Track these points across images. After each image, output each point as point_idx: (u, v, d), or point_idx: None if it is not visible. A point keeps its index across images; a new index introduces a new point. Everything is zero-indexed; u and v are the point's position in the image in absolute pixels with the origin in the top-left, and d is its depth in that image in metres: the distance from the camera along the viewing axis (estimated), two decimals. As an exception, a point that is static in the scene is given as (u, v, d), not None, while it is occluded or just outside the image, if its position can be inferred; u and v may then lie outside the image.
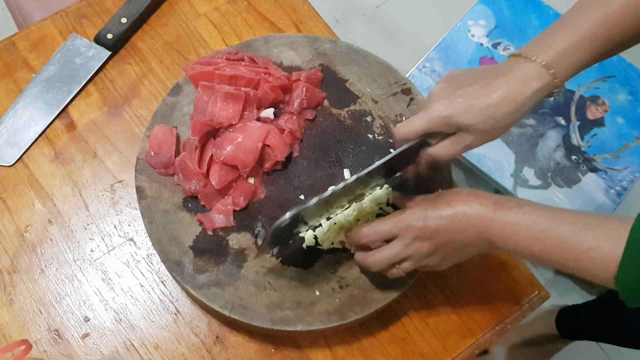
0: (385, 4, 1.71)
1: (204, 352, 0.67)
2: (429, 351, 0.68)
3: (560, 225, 0.51)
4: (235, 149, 0.68)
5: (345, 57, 0.79)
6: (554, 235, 0.51)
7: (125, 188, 0.75)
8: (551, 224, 0.52)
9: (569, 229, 0.51)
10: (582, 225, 0.50)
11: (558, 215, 0.52)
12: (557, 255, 0.51)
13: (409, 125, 0.60)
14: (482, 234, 0.56)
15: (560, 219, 0.52)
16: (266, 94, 0.73)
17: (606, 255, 0.48)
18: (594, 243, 0.49)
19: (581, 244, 0.50)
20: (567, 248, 0.50)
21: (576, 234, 0.50)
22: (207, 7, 0.87)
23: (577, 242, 0.50)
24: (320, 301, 0.65)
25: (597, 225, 0.50)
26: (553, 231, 0.51)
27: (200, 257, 0.66)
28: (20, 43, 0.83)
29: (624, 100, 1.09)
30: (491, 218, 0.55)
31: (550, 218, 0.52)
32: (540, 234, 0.52)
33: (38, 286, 0.70)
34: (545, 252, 0.52)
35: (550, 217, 0.52)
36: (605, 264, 0.48)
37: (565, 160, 1.04)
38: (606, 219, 0.50)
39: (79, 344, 0.67)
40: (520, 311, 0.71)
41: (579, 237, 0.50)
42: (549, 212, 0.53)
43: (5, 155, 0.76)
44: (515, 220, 0.53)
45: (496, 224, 0.54)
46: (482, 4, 1.17)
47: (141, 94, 0.81)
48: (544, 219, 0.52)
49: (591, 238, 0.49)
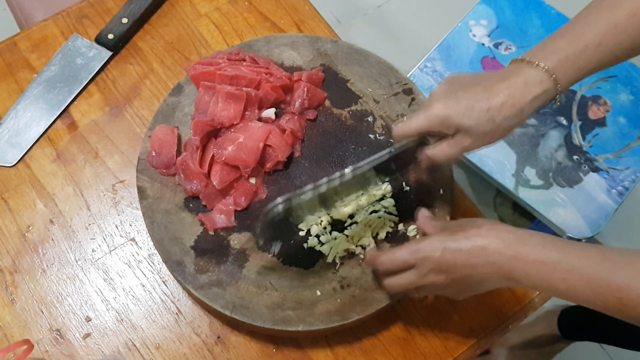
0: (386, 4, 1.71)
1: (206, 352, 0.67)
2: (430, 351, 0.68)
3: (587, 264, 0.50)
4: (237, 149, 0.68)
5: (346, 57, 0.79)
6: (581, 274, 0.50)
7: (127, 188, 0.75)
8: (577, 263, 0.50)
9: (597, 268, 0.49)
10: (610, 264, 0.49)
11: (584, 253, 0.51)
12: (585, 294, 0.50)
13: (407, 124, 0.60)
14: (502, 271, 0.54)
15: (587, 257, 0.50)
16: (267, 94, 0.73)
17: (636, 295, 0.47)
18: (623, 283, 0.48)
19: (609, 285, 0.48)
20: (595, 288, 0.49)
21: (605, 273, 0.49)
22: (209, 7, 0.87)
23: (606, 282, 0.49)
24: (321, 301, 0.65)
25: (626, 264, 0.49)
26: (580, 270, 0.50)
27: (202, 257, 0.66)
28: (21, 43, 0.84)
29: (626, 100, 1.09)
30: (513, 255, 0.53)
31: (577, 256, 0.51)
32: (566, 274, 0.50)
33: (40, 286, 0.70)
34: (572, 291, 0.51)
35: (576, 255, 0.51)
36: (635, 304, 0.47)
37: (567, 160, 1.04)
38: (634, 257, 0.49)
39: (80, 344, 0.67)
40: (522, 311, 0.71)
41: (607, 277, 0.49)
42: (575, 250, 0.51)
43: (6, 155, 0.76)
44: (539, 259, 0.52)
45: (519, 261, 0.52)
46: (483, 4, 1.17)
47: (142, 94, 0.81)
48: (570, 257, 0.51)
49: (620, 277, 0.48)
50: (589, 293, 0.50)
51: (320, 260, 0.68)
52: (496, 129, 0.56)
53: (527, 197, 1.01)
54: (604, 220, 0.99)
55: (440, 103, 0.57)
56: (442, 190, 0.71)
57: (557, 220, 0.99)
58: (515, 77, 0.56)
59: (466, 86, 0.57)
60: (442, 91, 0.59)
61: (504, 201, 1.44)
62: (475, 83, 0.57)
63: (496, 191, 1.46)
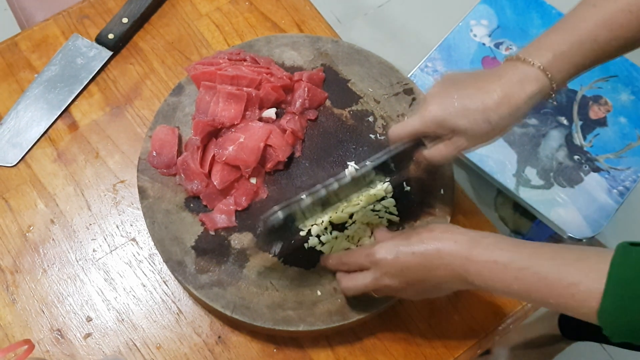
0: (387, 4, 1.71)
1: (206, 352, 0.67)
2: (430, 351, 0.68)
3: (538, 262, 0.50)
4: (237, 149, 0.68)
5: (347, 57, 0.79)
6: (532, 272, 0.49)
7: (128, 188, 0.75)
8: (529, 261, 0.50)
9: (548, 265, 0.49)
10: (561, 261, 0.49)
11: (536, 251, 0.51)
12: (537, 292, 0.49)
13: (403, 127, 0.59)
14: (456, 273, 0.53)
15: (538, 255, 0.50)
16: (268, 94, 0.73)
17: (587, 291, 0.46)
18: (574, 279, 0.47)
19: (561, 281, 0.48)
20: (547, 285, 0.49)
21: (556, 270, 0.48)
22: (209, 7, 0.87)
23: (557, 279, 0.48)
24: (322, 301, 0.65)
25: (577, 261, 0.48)
26: (532, 269, 0.49)
27: (202, 257, 0.66)
28: (22, 43, 0.84)
29: (627, 100, 1.09)
30: (466, 256, 0.52)
31: (528, 255, 0.51)
32: (519, 272, 0.50)
33: (40, 286, 0.70)
34: (525, 290, 0.50)
35: (528, 254, 0.51)
36: (586, 300, 0.46)
37: (568, 160, 1.04)
38: (585, 253, 0.49)
39: (81, 344, 0.67)
40: (522, 311, 0.71)
41: (558, 274, 0.48)
42: (526, 249, 0.51)
43: (7, 155, 0.76)
44: (491, 259, 0.51)
45: (472, 262, 0.52)
46: (484, 4, 1.16)
47: (143, 94, 0.81)
48: (521, 256, 0.51)
49: (571, 274, 0.47)
50: (543, 291, 0.49)
51: (321, 260, 0.68)
52: (492, 128, 0.56)
53: (528, 197, 1.01)
54: (605, 220, 0.99)
55: (434, 105, 0.57)
56: (442, 190, 0.71)
57: (558, 220, 0.99)
58: (510, 75, 0.56)
59: (461, 86, 0.57)
60: (436, 92, 0.58)
61: (504, 201, 1.44)
62: (470, 82, 0.57)
63: (497, 191, 1.46)
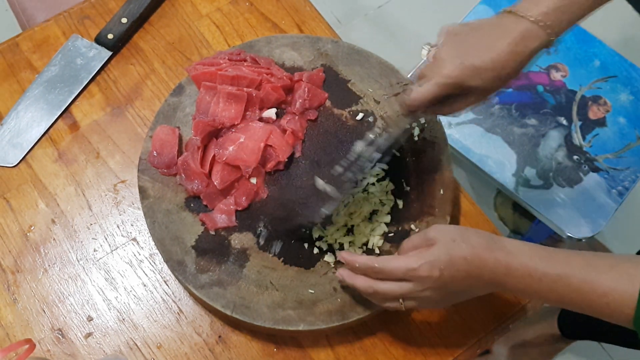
0: (387, 4, 1.71)
1: (207, 352, 0.67)
2: (430, 351, 0.68)
3: (571, 273, 0.51)
4: (238, 149, 0.69)
5: (347, 58, 0.80)
6: (566, 284, 0.51)
7: (128, 188, 0.75)
8: (562, 272, 0.52)
9: (581, 275, 0.51)
10: (594, 270, 0.51)
11: (568, 261, 0.52)
12: (572, 301, 0.52)
13: (422, 93, 0.60)
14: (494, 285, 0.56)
15: (570, 265, 0.52)
16: (268, 94, 0.73)
17: (621, 298, 0.48)
18: (607, 287, 0.49)
19: (595, 290, 0.50)
20: (581, 295, 0.51)
21: (589, 280, 0.50)
22: (210, 7, 0.87)
23: (591, 288, 0.50)
24: (322, 301, 0.65)
25: (609, 269, 0.50)
26: (565, 280, 0.51)
27: (203, 257, 0.67)
28: (23, 44, 0.84)
29: (626, 100, 1.09)
30: (504, 273, 0.54)
31: (561, 265, 0.52)
32: (553, 284, 0.52)
33: (41, 286, 0.70)
34: (560, 299, 0.53)
35: (561, 265, 0.52)
36: (621, 307, 0.48)
37: (567, 160, 1.04)
38: (617, 261, 0.50)
39: (82, 344, 0.67)
40: (522, 311, 0.71)
41: (592, 283, 0.50)
42: (558, 260, 0.53)
43: (8, 155, 0.77)
44: (527, 273, 0.53)
45: (510, 277, 0.54)
46: (483, 4, 1.17)
47: (144, 94, 0.81)
48: (554, 268, 0.53)
49: (604, 283, 0.49)
50: (577, 300, 0.51)
51: (321, 260, 0.68)
52: (500, 84, 0.59)
53: (528, 197, 1.01)
54: (604, 220, 0.99)
55: (448, 68, 0.58)
56: (442, 190, 0.71)
57: (557, 220, 0.99)
58: (512, 32, 0.57)
59: (468, 44, 0.59)
60: (447, 53, 0.59)
61: (504, 201, 1.44)
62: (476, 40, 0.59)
63: (496, 191, 1.46)
